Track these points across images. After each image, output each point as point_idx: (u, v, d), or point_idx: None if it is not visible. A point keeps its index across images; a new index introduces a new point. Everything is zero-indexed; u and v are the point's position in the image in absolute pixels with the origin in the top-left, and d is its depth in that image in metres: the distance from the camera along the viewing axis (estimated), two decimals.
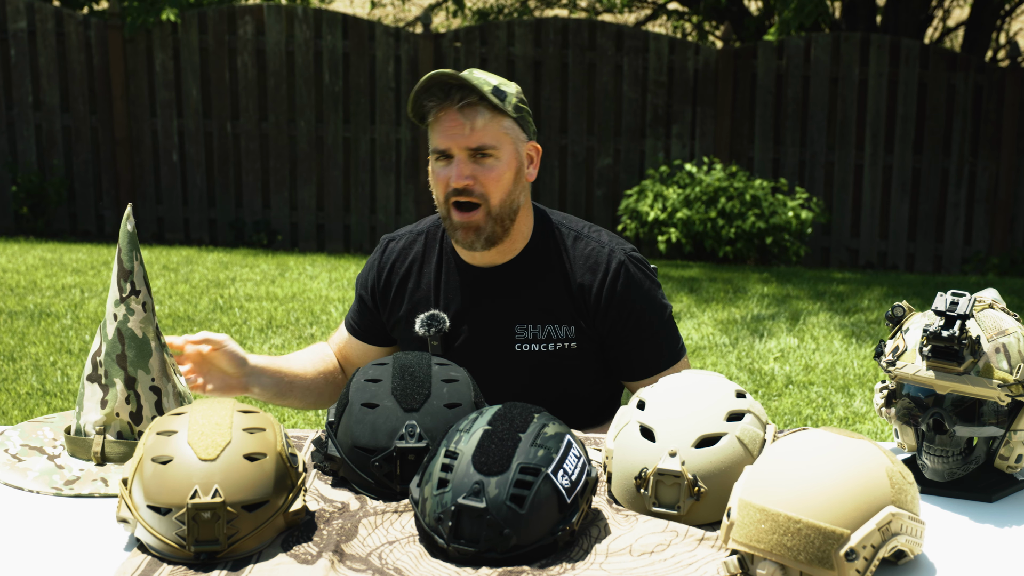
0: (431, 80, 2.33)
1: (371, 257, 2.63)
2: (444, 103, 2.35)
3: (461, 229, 2.39)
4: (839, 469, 1.68)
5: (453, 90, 2.35)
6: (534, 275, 2.47)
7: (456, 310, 2.48)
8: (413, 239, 2.57)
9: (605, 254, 2.47)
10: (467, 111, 2.34)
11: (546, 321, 2.45)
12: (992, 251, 9.03)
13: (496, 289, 2.47)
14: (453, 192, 2.36)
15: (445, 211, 2.40)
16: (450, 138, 2.36)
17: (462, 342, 2.48)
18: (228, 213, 9.31)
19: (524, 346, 2.45)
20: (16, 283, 7.17)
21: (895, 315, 2.10)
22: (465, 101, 2.34)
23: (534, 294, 2.46)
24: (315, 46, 9.08)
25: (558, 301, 2.46)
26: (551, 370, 2.47)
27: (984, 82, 8.90)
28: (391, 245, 2.59)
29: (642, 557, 1.79)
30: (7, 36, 9.07)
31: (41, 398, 4.99)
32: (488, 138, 2.36)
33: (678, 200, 8.41)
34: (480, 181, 2.36)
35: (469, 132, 2.34)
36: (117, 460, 2.08)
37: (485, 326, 2.47)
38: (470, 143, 2.35)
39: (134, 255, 2.09)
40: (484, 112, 2.35)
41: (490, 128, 2.36)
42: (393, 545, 1.83)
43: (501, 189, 2.38)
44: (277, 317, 6.55)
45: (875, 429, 4.85)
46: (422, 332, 2.47)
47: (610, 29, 9.11)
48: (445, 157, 2.38)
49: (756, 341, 6.28)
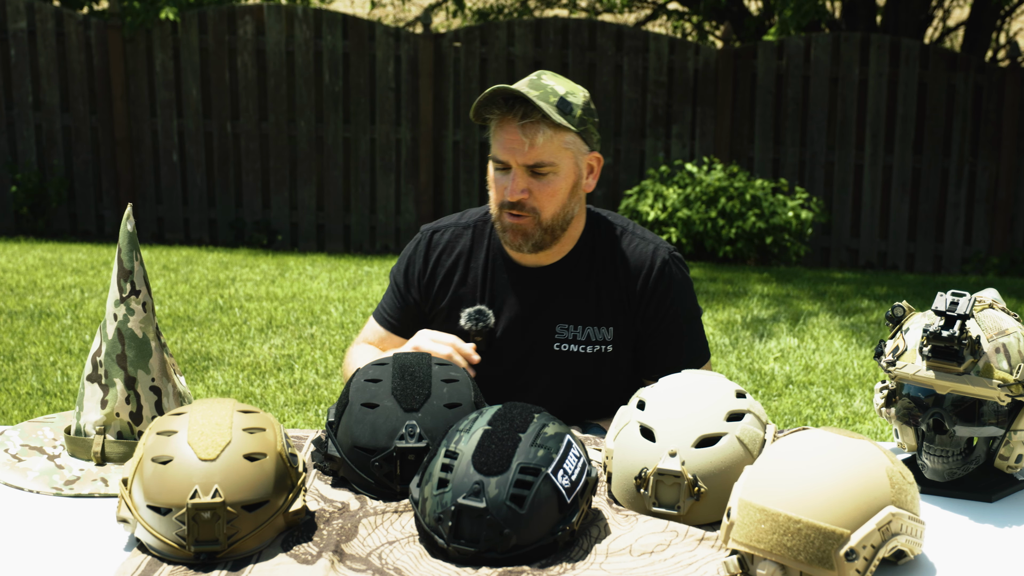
0: (495, 92, 2.32)
1: (413, 247, 2.58)
2: (507, 115, 2.35)
3: (511, 231, 2.41)
4: (839, 469, 1.68)
5: (516, 103, 2.34)
6: (580, 277, 2.48)
7: (501, 306, 2.49)
8: (460, 232, 2.56)
9: (650, 251, 2.49)
10: (528, 128, 2.33)
11: (587, 323, 2.47)
12: (992, 251, 9.03)
13: (542, 289, 2.48)
14: (508, 204, 2.38)
15: (498, 214, 2.42)
16: (509, 152, 2.36)
17: (503, 338, 2.48)
18: (228, 213, 9.31)
19: (563, 346, 2.47)
20: (16, 283, 7.17)
21: (895, 315, 2.10)
22: (528, 119, 2.33)
23: (578, 295, 2.47)
24: (315, 46, 9.08)
25: (601, 301, 2.47)
26: (584, 373, 2.48)
27: (984, 82, 8.90)
28: (436, 236, 2.57)
29: (642, 557, 1.79)
30: (7, 36, 9.06)
31: (41, 398, 4.99)
32: (546, 155, 2.35)
33: (678, 200, 8.41)
34: (535, 196, 2.37)
35: (528, 149, 2.34)
36: (117, 460, 2.08)
37: (527, 324, 2.48)
38: (528, 160, 2.35)
39: (134, 255, 2.09)
40: (545, 129, 2.34)
41: (550, 145, 2.35)
42: (393, 545, 1.83)
43: (555, 203, 2.39)
44: (277, 317, 6.55)
45: (875, 429, 4.85)
46: (468, 326, 2.46)
47: (610, 29, 9.11)
48: (504, 166, 2.38)
49: (756, 341, 6.27)
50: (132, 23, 8.94)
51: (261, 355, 5.77)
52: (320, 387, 5.30)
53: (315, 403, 5.08)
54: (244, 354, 5.78)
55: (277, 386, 5.29)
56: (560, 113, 2.33)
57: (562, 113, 2.34)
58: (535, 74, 2.39)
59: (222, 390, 5.20)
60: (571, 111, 2.35)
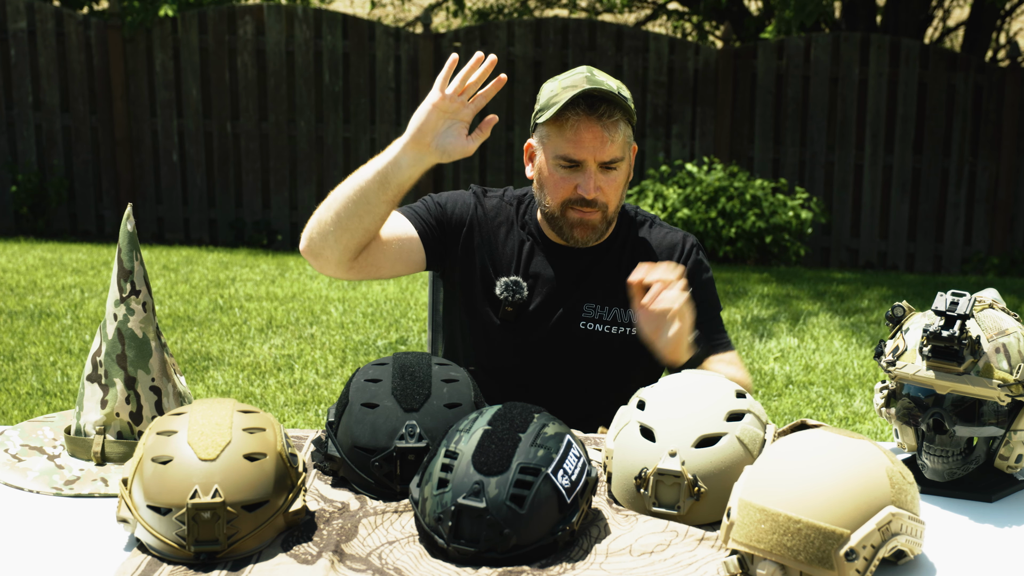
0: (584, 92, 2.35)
1: (463, 195, 2.58)
2: (591, 114, 2.38)
3: (579, 227, 2.45)
4: (839, 469, 1.68)
5: (598, 103, 2.37)
6: (613, 260, 2.53)
7: (534, 281, 2.52)
8: (501, 205, 2.58)
9: (680, 236, 2.58)
10: (610, 126, 2.38)
11: (614, 304, 2.51)
12: (992, 251, 9.03)
13: (576, 269, 2.52)
14: (580, 201, 2.41)
15: (559, 211, 2.45)
16: (588, 150, 2.39)
17: (533, 312, 2.51)
18: (228, 213, 9.31)
19: (589, 324, 2.50)
20: (16, 283, 7.17)
21: (895, 315, 2.10)
22: (611, 117, 2.38)
23: (608, 277, 2.52)
24: (315, 46, 9.08)
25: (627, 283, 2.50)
26: (608, 354, 2.51)
27: (984, 82, 8.90)
28: (487, 200, 2.59)
29: (642, 557, 1.79)
30: (7, 36, 9.07)
31: (41, 398, 4.99)
32: (619, 150, 2.42)
33: (678, 200, 8.41)
34: (604, 191, 2.42)
35: (607, 146, 2.39)
36: (117, 460, 2.08)
37: (558, 301, 2.51)
38: (605, 157, 2.40)
39: (134, 255, 2.09)
40: (622, 126, 2.40)
41: (621, 140, 2.41)
42: (393, 545, 1.83)
43: (619, 196, 2.46)
44: (277, 317, 6.55)
45: (875, 429, 4.85)
46: (503, 296, 2.50)
47: (610, 29, 9.11)
48: (573, 164, 2.41)
49: (756, 341, 6.27)
50: (132, 23, 8.94)
51: (261, 355, 5.77)
52: (320, 387, 5.30)
53: (315, 403, 5.08)
54: (244, 354, 5.78)
55: (277, 386, 5.29)
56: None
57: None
58: (586, 70, 2.41)
59: (222, 390, 5.21)
60: (628, 105, 2.41)
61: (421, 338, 6.22)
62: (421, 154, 2.30)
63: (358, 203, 2.31)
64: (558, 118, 2.39)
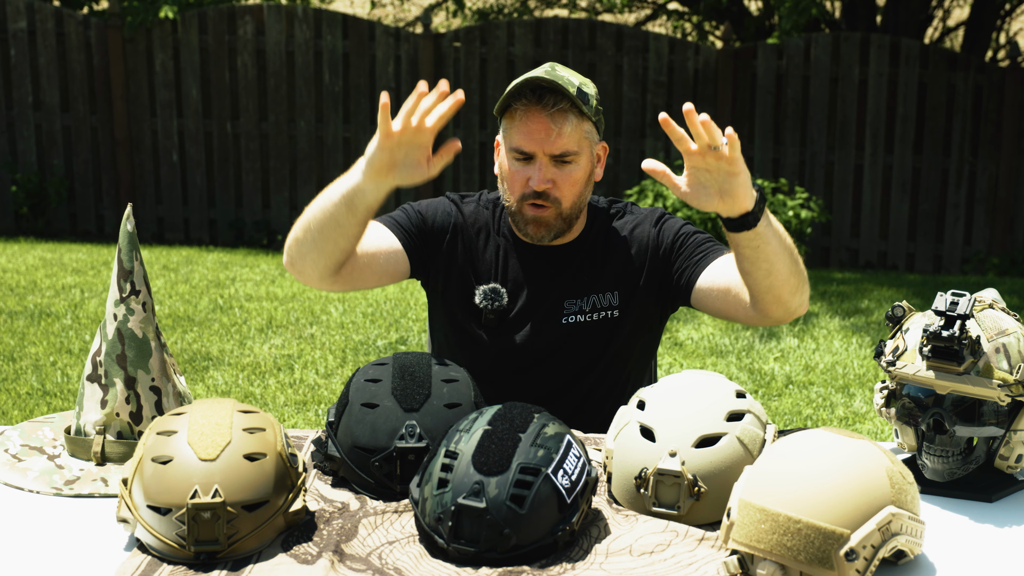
0: (525, 82, 2.33)
1: (442, 203, 2.56)
2: (535, 104, 2.36)
3: (532, 224, 2.43)
4: (839, 469, 1.68)
5: (545, 93, 2.35)
6: (586, 256, 2.52)
7: (513, 285, 2.52)
8: (479, 210, 2.57)
9: (647, 211, 2.57)
10: (557, 117, 2.35)
11: (592, 291, 2.50)
12: (992, 251, 9.03)
13: (552, 270, 2.52)
14: (532, 194, 2.39)
15: (517, 206, 2.43)
16: (536, 142, 2.37)
17: (514, 317, 2.51)
18: (228, 213, 9.31)
19: (570, 318, 2.50)
20: (16, 283, 7.17)
21: (895, 315, 2.10)
22: (557, 107, 2.35)
23: (584, 271, 2.51)
24: (315, 46, 9.08)
25: (606, 268, 2.51)
26: (593, 342, 2.51)
27: (984, 82, 8.90)
28: (465, 206, 2.57)
29: (642, 557, 1.79)
30: (7, 36, 9.06)
31: (41, 398, 4.99)
32: (571, 144, 2.38)
33: (678, 200, 8.41)
34: (558, 185, 2.40)
35: (556, 138, 2.36)
36: (117, 460, 2.08)
37: (538, 303, 2.51)
38: (555, 149, 2.37)
39: (134, 255, 2.09)
40: (572, 118, 2.37)
41: (575, 134, 2.38)
42: (393, 545, 1.83)
43: (575, 192, 2.42)
44: (277, 317, 6.55)
45: (875, 429, 4.85)
46: (483, 305, 2.49)
47: (610, 29, 9.11)
48: (526, 157, 2.39)
49: (756, 341, 6.28)
50: (132, 23, 8.94)
51: (261, 355, 5.77)
52: (320, 387, 5.30)
53: (315, 403, 5.08)
54: (244, 354, 5.78)
55: (277, 386, 5.29)
56: (582, 103, 2.37)
57: (583, 103, 2.37)
58: (548, 65, 2.40)
59: (222, 390, 5.21)
60: (588, 101, 2.38)
61: (421, 338, 6.22)
62: (380, 183, 2.15)
63: (329, 225, 2.22)
64: (507, 109, 2.39)
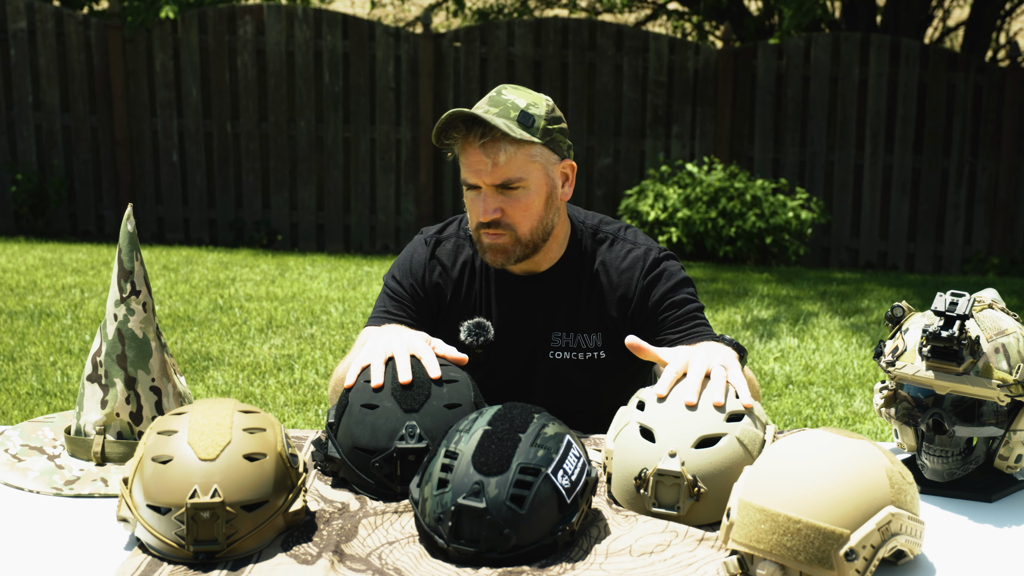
0: (451, 117, 2.29)
1: (418, 252, 2.52)
2: (467, 137, 2.31)
3: (490, 251, 2.38)
4: (839, 469, 1.68)
5: (473, 125, 2.30)
6: (571, 283, 2.46)
7: (498, 317, 2.47)
8: (460, 244, 2.52)
9: (641, 253, 2.47)
10: (488, 148, 2.29)
11: (578, 330, 2.45)
12: (992, 251, 9.03)
13: (537, 298, 2.46)
14: (482, 224, 2.35)
15: (476, 235, 2.39)
16: (475, 174, 2.33)
17: (501, 349, 2.46)
18: (228, 213, 9.31)
19: (558, 354, 2.45)
20: (16, 283, 7.17)
21: (895, 315, 2.10)
22: (486, 138, 2.29)
23: (570, 302, 2.46)
24: (315, 46, 9.08)
25: (590, 307, 2.45)
26: (580, 380, 2.47)
27: (984, 82, 8.90)
28: (443, 247, 2.52)
29: (642, 557, 1.79)
30: (7, 36, 9.07)
31: (41, 398, 4.99)
32: (513, 171, 2.31)
33: (678, 200, 8.41)
34: (507, 213, 2.34)
35: (492, 168, 2.30)
36: (117, 460, 2.08)
37: (525, 334, 2.46)
38: (494, 179, 2.31)
39: (134, 255, 2.09)
40: (507, 147, 2.30)
41: (515, 161, 2.31)
42: (393, 545, 1.83)
43: (531, 218, 2.36)
44: (277, 317, 6.55)
45: (875, 429, 4.85)
46: (468, 340, 2.44)
47: (610, 29, 9.11)
48: (474, 188, 2.35)
49: (756, 341, 6.27)
50: (132, 23, 8.94)
51: (261, 355, 5.77)
52: (320, 387, 5.30)
53: (315, 403, 5.08)
54: (244, 354, 5.78)
55: (277, 386, 5.29)
56: (521, 127, 2.29)
57: (523, 127, 2.30)
58: (494, 90, 2.36)
59: (222, 390, 5.21)
60: (533, 123, 2.31)
61: None
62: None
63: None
64: (440, 143, 2.34)
